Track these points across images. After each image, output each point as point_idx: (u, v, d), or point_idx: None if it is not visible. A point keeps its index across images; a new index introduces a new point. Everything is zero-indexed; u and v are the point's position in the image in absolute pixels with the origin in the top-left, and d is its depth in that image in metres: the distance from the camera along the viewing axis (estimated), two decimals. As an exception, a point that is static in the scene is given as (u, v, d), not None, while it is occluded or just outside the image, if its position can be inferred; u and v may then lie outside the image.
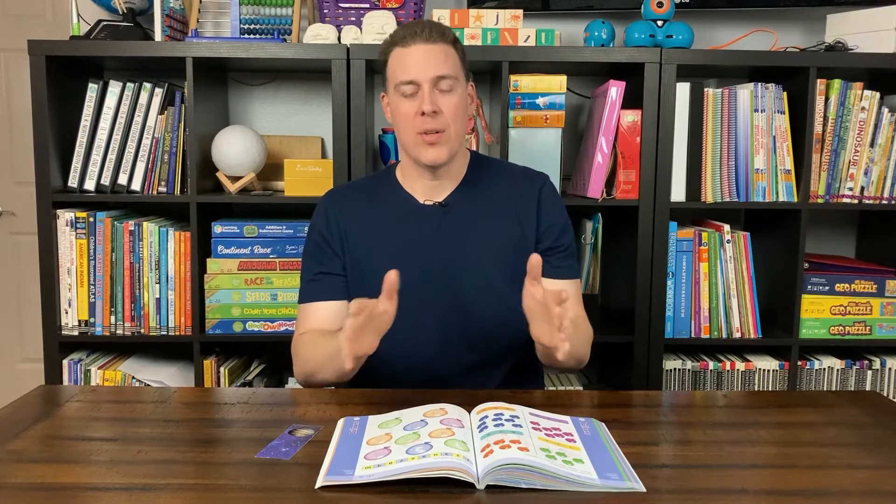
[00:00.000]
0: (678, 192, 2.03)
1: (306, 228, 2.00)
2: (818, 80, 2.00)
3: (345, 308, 1.46)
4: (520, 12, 2.04)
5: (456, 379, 1.43)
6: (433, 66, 1.39)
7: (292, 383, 2.15)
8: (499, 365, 1.45)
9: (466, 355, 1.43)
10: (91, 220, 2.01)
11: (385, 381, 1.41)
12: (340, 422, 1.16)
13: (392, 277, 1.18)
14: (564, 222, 1.52)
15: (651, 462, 1.06)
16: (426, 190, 1.49)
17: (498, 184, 1.51)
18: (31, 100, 1.95)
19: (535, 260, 1.20)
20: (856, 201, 2.06)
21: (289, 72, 2.29)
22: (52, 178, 1.99)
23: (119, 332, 2.04)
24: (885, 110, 2.05)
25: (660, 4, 2.01)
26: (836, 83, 2.03)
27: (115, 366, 2.07)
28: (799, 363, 2.09)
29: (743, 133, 2.03)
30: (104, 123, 2.03)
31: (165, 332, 2.04)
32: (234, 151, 1.99)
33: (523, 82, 1.98)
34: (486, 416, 1.11)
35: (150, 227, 2.02)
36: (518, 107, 1.99)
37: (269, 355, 2.25)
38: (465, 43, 1.98)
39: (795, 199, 2.04)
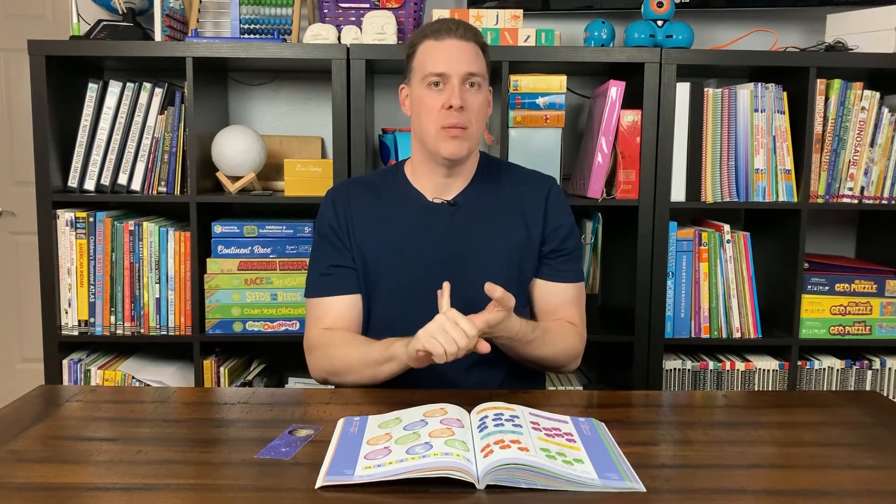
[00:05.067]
0: (678, 192, 2.02)
1: (306, 228, 2.02)
2: (818, 80, 2.00)
3: (359, 302, 1.47)
4: (520, 12, 2.04)
5: (458, 377, 1.43)
6: (465, 62, 1.41)
7: (292, 383, 2.15)
8: (501, 363, 1.45)
9: (470, 354, 1.43)
10: (91, 220, 2.01)
11: (388, 379, 1.41)
12: (340, 422, 1.16)
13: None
14: (570, 226, 1.52)
15: (651, 462, 1.06)
16: (436, 188, 1.49)
17: (506, 185, 1.52)
18: (31, 100, 1.95)
19: (498, 293, 1.25)
20: (856, 201, 2.06)
21: (289, 72, 2.29)
22: (52, 178, 1.99)
23: (119, 332, 2.04)
24: (885, 110, 2.05)
25: (660, 4, 2.01)
26: (836, 83, 2.03)
27: (115, 366, 2.07)
28: (799, 363, 2.08)
29: (743, 133, 2.03)
30: (104, 123, 2.03)
31: (165, 332, 2.04)
32: (234, 151, 1.99)
33: (523, 82, 1.98)
34: (486, 416, 1.11)
35: (150, 227, 2.02)
36: (518, 107, 1.99)
37: (269, 355, 2.25)
38: (465, 43, 1.98)
39: (795, 199, 2.04)
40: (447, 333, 1.21)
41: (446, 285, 1.30)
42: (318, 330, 1.47)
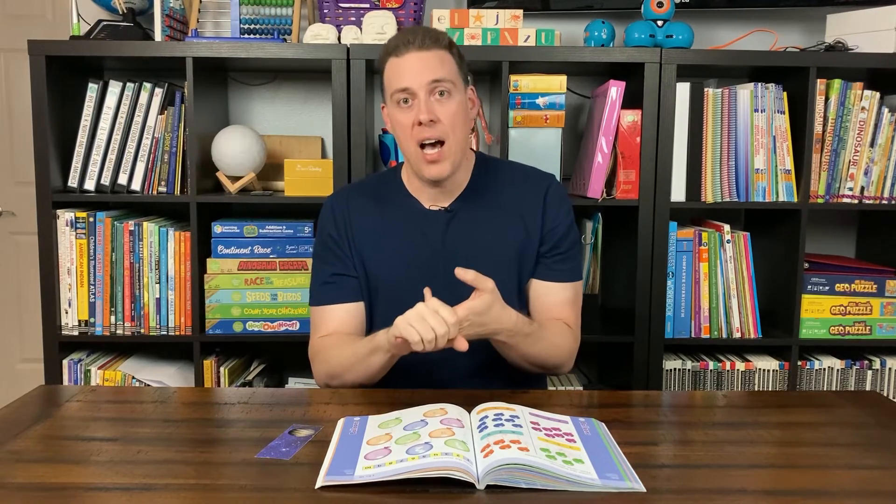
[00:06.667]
0: (678, 192, 2.02)
1: (306, 228, 2.02)
2: (818, 80, 2.00)
3: (361, 309, 1.47)
4: (520, 12, 2.04)
5: (458, 384, 1.42)
6: (427, 71, 1.38)
7: (292, 383, 2.16)
8: (501, 370, 1.45)
9: (469, 360, 1.42)
10: (91, 220, 2.01)
11: (390, 384, 1.40)
12: (340, 422, 1.16)
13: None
14: (569, 224, 1.51)
15: (651, 462, 1.06)
16: (431, 196, 1.48)
17: (504, 187, 1.51)
18: (31, 100, 1.95)
19: (469, 276, 1.25)
20: (856, 201, 2.06)
21: (289, 72, 2.29)
22: (52, 178, 1.99)
23: (119, 332, 2.04)
24: (885, 110, 2.05)
25: (660, 4, 2.01)
26: (836, 83, 2.03)
27: (115, 366, 2.07)
28: (799, 363, 2.08)
29: (743, 133, 2.03)
30: (104, 123, 2.03)
31: (165, 332, 2.04)
32: (234, 151, 1.99)
33: (523, 82, 1.98)
34: (486, 416, 1.11)
35: (150, 227, 2.02)
36: (518, 107, 1.99)
37: (269, 355, 2.25)
38: (465, 43, 1.98)
39: (795, 199, 2.04)
40: (425, 321, 1.20)
41: (427, 292, 1.27)
42: (318, 337, 1.47)
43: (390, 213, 1.49)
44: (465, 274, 1.24)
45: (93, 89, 2.02)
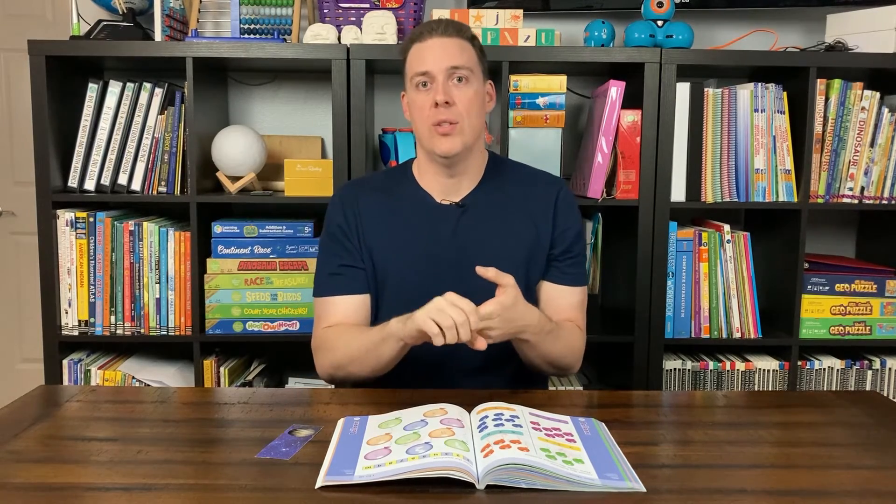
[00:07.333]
0: (678, 192, 2.02)
1: (306, 228, 2.02)
2: (818, 80, 2.00)
3: (367, 302, 1.47)
4: (520, 12, 2.04)
5: (464, 379, 1.43)
6: (447, 57, 1.41)
7: (292, 383, 2.15)
8: (506, 365, 1.45)
9: (476, 355, 1.42)
10: (91, 220, 2.01)
11: (394, 380, 1.41)
12: (340, 422, 1.16)
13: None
14: (579, 229, 1.53)
15: (651, 462, 1.06)
16: (443, 189, 1.49)
17: (515, 186, 1.52)
18: (31, 100, 1.95)
19: (490, 273, 1.26)
20: (856, 201, 2.06)
21: (289, 72, 2.29)
22: (52, 178, 1.99)
23: (119, 332, 2.04)
24: (885, 110, 2.05)
25: (660, 4, 2.01)
26: (836, 83, 2.03)
27: (115, 366, 2.07)
28: (799, 363, 2.08)
29: (743, 133, 2.03)
30: (104, 123, 2.03)
31: (165, 332, 2.04)
32: (234, 151, 1.99)
33: (523, 82, 1.99)
34: (486, 416, 1.11)
35: (150, 227, 2.02)
36: (518, 107, 1.99)
37: (269, 355, 2.25)
38: (465, 43, 1.98)
39: (795, 199, 2.04)
40: (443, 311, 1.20)
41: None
42: (323, 328, 1.47)
43: (400, 206, 1.50)
44: (485, 271, 1.25)
45: (93, 89, 2.02)
